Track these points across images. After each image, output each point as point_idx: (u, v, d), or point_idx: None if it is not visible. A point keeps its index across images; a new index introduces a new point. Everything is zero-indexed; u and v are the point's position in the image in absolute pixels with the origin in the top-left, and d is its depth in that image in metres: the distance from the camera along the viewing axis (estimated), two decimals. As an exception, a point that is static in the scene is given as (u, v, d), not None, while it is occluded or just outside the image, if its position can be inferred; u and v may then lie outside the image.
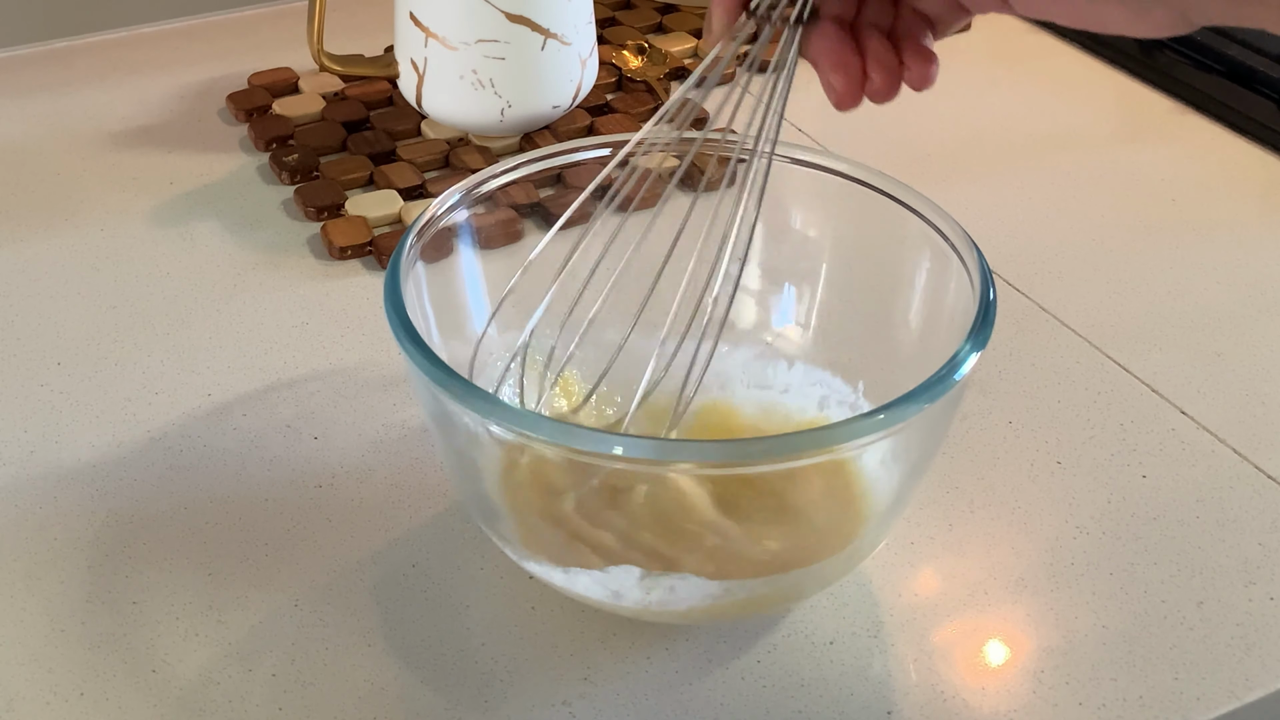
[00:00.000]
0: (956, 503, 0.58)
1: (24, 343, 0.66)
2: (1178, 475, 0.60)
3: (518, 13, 0.74)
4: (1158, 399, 0.64)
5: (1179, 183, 0.80)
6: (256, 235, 0.74)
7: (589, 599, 0.50)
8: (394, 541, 0.56)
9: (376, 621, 0.53)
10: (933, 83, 0.49)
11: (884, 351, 0.57)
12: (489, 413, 0.45)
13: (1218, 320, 0.69)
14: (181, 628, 0.52)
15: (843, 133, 0.81)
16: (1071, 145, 0.83)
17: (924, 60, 0.48)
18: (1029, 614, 0.54)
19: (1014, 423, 0.62)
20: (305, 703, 0.50)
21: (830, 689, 0.51)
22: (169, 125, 0.83)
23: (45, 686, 0.50)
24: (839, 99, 0.48)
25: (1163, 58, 0.90)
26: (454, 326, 0.56)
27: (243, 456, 0.60)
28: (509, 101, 0.76)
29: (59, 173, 0.79)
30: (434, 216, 0.54)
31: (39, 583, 0.54)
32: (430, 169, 0.79)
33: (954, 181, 0.79)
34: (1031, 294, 0.70)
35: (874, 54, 0.48)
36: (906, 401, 0.45)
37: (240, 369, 0.65)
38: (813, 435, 0.47)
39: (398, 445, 0.60)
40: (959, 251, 0.52)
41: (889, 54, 0.48)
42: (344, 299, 0.69)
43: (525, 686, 0.50)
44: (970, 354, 0.47)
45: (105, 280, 0.71)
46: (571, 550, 0.50)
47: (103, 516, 0.57)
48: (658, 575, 0.48)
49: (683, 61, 0.89)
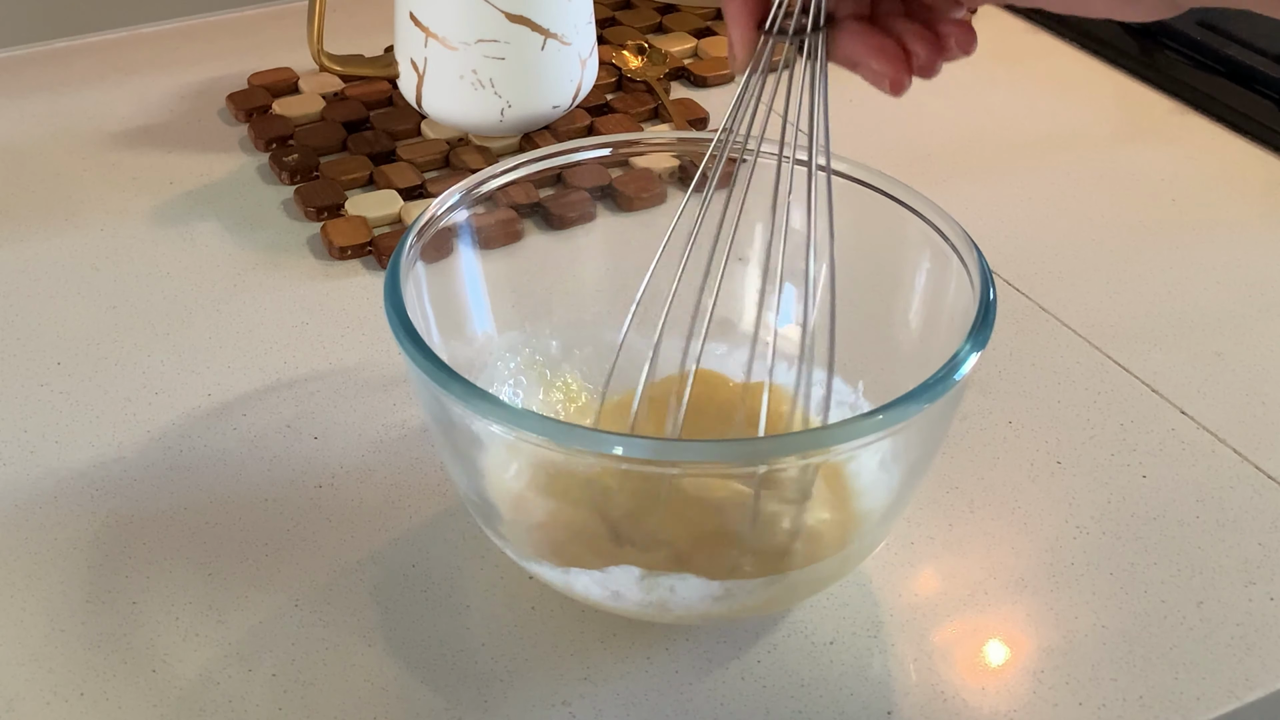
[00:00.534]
0: (956, 503, 0.58)
1: (24, 343, 0.66)
2: (1178, 475, 0.60)
3: (518, 13, 0.74)
4: (1158, 399, 0.64)
5: (1179, 183, 0.80)
6: (256, 235, 0.74)
7: (589, 599, 0.50)
8: (394, 541, 0.56)
9: (376, 621, 0.53)
10: (975, 47, 0.48)
11: (884, 351, 0.57)
12: (488, 413, 0.45)
13: (1218, 320, 0.69)
14: (181, 628, 0.52)
15: (843, 133, 0.81)
16: (1071, 145, 0.83)
17: (961, 27, 0.48)
18: (1029, 614, 0.54)
19: (1014, 423, 0.62)
20: (305, 703, 0.50)
21: (830, 689, 0.51)
22: (169, 125, 0.83)
23: (45, 686, 0.50)
24: (892, 83, 0.48)
25: (1163, 58, 0.90)
26: (454, 326, 0.56)
27: (243, 456, 0.60)
28: (509, 101, 0.76)
29: (59, 173, 0.79)
30: (434, 216, 0.54)
31: (39, 583, 0.54)
32: (430, 169, 0.79)
33: (954, 181, 0.79)
34: (1031, 294, 0.70)
35: (908, 32, 0.48)
36: (906, 402, 0.45)
37: (240, 369, 0.65)
38: (813, 435, 0.46)
39: (398, 445, 0.60)
40: (959, 251, 0.52)
41: (923, 29, 0.48)
42: (344, 299, 0.69)
43: (525, 686, 0.50)
44: (970, 354, 0.47)
45: (105, 280, 0.71)
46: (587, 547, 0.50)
47: (103, 516, 0.57)
48: (658, 575, 0.48)
49: (683, 62, 0.89)
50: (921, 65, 0.48)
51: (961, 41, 0.48)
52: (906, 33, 0.48)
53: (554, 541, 0.51)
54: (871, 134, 0.82)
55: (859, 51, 0.48)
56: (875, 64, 0.48)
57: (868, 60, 0.48)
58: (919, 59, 0.48)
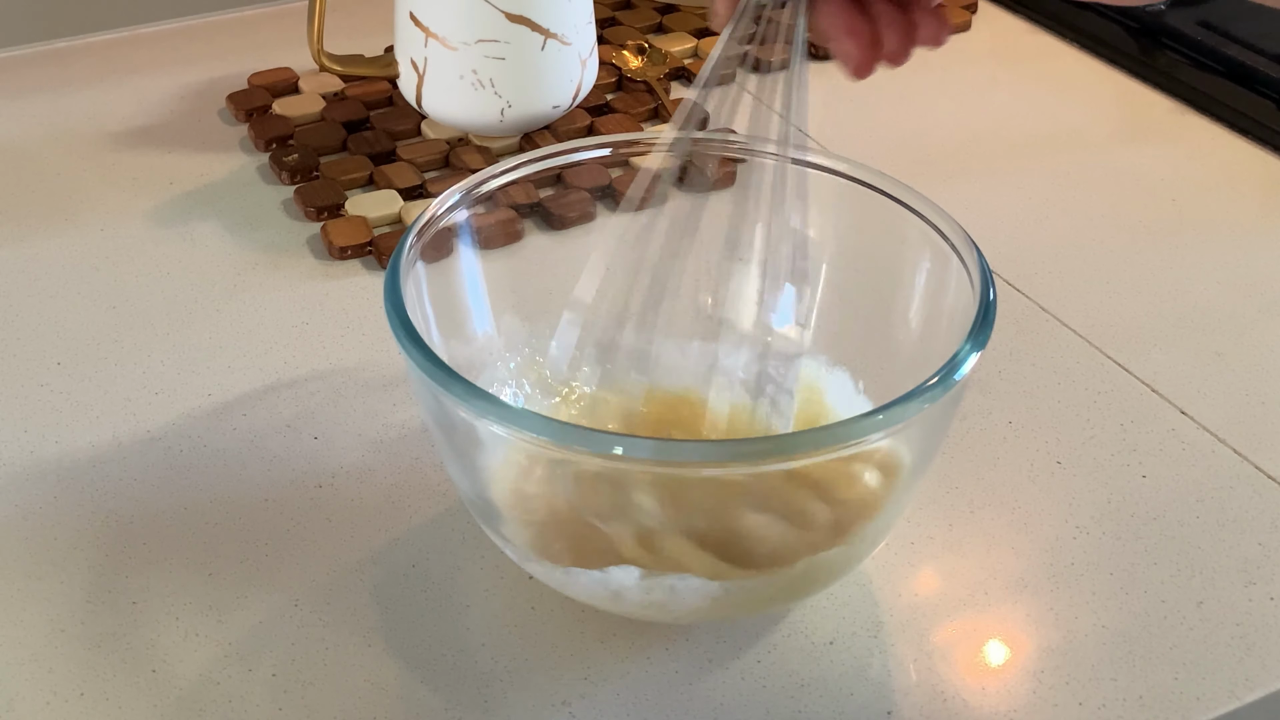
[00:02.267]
0: (956, 503, 0.58)
1: (24, 343, 0.66)
2: (1178, 475, 0.60)
3: (518, 13, 0.74)
4: (1158, 399, 0.64)
5: (1179, 183, 0.80)
6: (256, 235, 0.74)
7: (589, 600, 0.50)
8: (394, 541, 0.56)
9: (376, 621, 0.53)
10: (945, 40, 0.48)
11: (884, 351, 0.57)
12: (489, 413, 0.45)
13: (1218, 320, 0.69)
14: (181, 628, 0.52)
15: (843, 132, 0.81)
16: (1071, 145, 0.83)
17: (935, 18, 0.48)
18: (1029, 614, 0.54)
19: (1014, 423, 0.62)
20: (305, 703, 0.50)
21: (830, 689, 0.51)
22: (169, 125, 0.83)
23: (45, 686, 0.50)
24: (856, 66, 0.48)
25: (1163, 58, 0.90)
26: (454, 326, 0.56)
27: (243, 456, 0.60)
28: (509, 101, 0.76)
29: (59, 173, 0.79)
30: (434, 216, 0.54)
31: (39, 583, 0.54)
32: (430, 169, 0.79)
33: (954, 181, 0.79)
34: (1031, 294, 0.70)
35: (884, 16, 0.48)
36: (906, 401, 0.45)
37: (240, 369, 0.65)
38: (812, 435, 0.47)
39: (398, 445, 0.60)
40: (959, 251, 0.52)
41: (898, 15, 0.48)
42: (344, 299, 0.69)
43: (525, 686, 0.50)
44: (970, 354, 0.47)
45: (105, 280, 0.71)
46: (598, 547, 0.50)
47: (103, 516, 0.57)
48: (658, 575, 0.48)
49: (683, 62, 0.89)
50: (891, 52, 0.48)
51: (929, 35, 0.48)
52: (882, 15, 0.48)
53: (554, 541, 0.51)
54: (872, 134, 0.82)
55: (832, 26, 0.48)
56: (845, 42, 0.48)
57: (839, 37, 0.48)
58: (889, 45, 0.48)
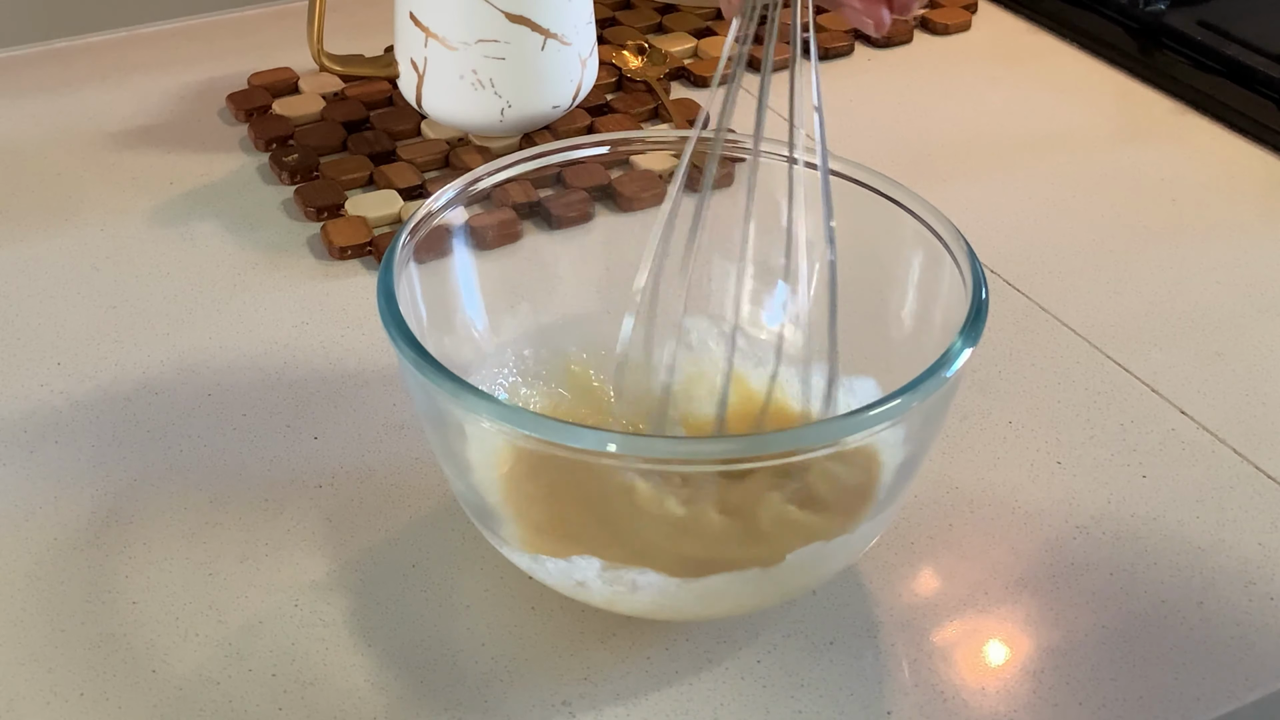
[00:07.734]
0: (956, 503, 0.58)
1: (24, 343, 0.66)
2: (1178, 475, 0.60)
3: (518, 13, 0.74)
4: (1158, 399, 0.64)
5: (1179, 183, 0.80)
6: (256, 235, 0.74)
7: (557, 588, 0.50)
8: (394, 542, 0.56)
9: (376, 622, 0.53)
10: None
11: (877, 348, 0.57)
12: (481, 409, 0.45)
13: (1218, 320, 0.69)
14: (181, 628, 0.52)
15: (842, 132, 0.81)
16: (1071, 145, 0.83)
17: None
18: (1029, 614, 0.54)
19: (1014, 423, 0.62)
20: (305, 703, 0.50)
21: (830, 689, 0.51)
22: (169, 125, 0.83)
23: (45, 686, 0.50)
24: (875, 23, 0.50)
25: (1163, 58, 0.90)
26: (451, 325, 0.56)
27: (243, 456, 0.60)
28: (509, 101, 0.76)
29: (59, 173, 0.79)
30: (429, 214, 0.54)
31: (39, 583, 0.54)
32: (430, 169, 0.79)
33: (954, 181, 0.79)
34: (1031, 294, 0.70)
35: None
36: (898, 397, 0.45)
37: (240, 369, 0.65)
38: (805, 431, 0.47)
39: (398, 445, 0.60)
40: (950, 249, 0.53)
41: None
42: (344, 299, 0.69)
43: (525, 686, 0.50)
44: (963, 350, 0.47)
45: (105, 280, 0.71)
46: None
47: (103, 516, 0.57)
48: (618, 568, 0.48)
49: (683, 62, 0.89)
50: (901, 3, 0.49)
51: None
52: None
53: (543, 532, 0.51)
54: (871, 134, 0.82)
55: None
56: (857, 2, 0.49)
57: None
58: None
